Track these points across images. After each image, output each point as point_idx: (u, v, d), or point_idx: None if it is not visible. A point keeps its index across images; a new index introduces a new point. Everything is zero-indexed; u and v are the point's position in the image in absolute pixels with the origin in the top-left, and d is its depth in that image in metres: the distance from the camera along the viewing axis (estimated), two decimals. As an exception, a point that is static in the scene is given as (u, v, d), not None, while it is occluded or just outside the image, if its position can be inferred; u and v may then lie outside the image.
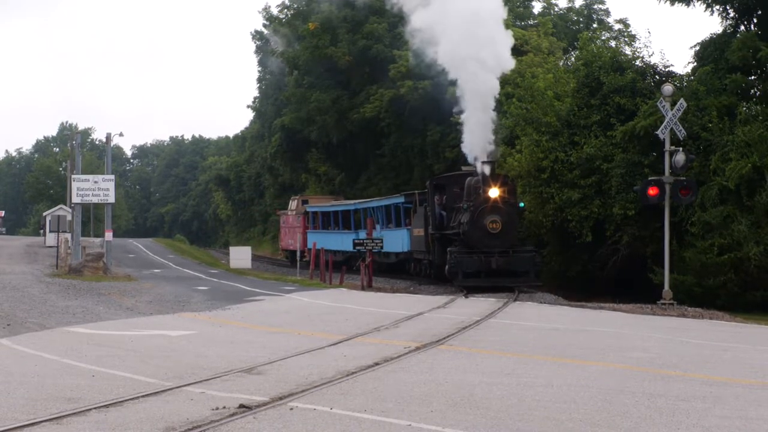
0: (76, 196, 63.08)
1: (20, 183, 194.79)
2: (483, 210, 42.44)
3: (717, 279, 36.70)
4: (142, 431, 12.00)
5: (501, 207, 42.35)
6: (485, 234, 42.24)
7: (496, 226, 41.88)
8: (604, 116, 41.95)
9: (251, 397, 14.48)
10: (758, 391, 16.41)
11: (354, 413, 13.43)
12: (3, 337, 24.24)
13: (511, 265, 42.38)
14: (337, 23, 76.58)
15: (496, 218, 41.91)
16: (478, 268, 42.50)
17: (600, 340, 24.96)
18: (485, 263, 42.18)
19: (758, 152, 37.07)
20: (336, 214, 70.73)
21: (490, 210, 42.22)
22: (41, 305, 34.37)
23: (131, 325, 28.02)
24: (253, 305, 36.47)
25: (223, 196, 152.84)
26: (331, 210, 71.78)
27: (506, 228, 42.28)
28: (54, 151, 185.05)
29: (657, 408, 14.35)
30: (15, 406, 13.78)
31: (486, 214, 42.26)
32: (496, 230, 41.98)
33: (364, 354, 20.25)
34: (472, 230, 42.95)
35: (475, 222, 42.56)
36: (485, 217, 42.17)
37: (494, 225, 41.87)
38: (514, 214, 43.58)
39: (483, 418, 13.16)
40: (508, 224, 42.47)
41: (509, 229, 42.68)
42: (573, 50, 60.66)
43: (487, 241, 42.31)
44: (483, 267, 42.34)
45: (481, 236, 42.47)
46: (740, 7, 44.60)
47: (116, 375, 17.15)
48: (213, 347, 22.14)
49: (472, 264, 42.60)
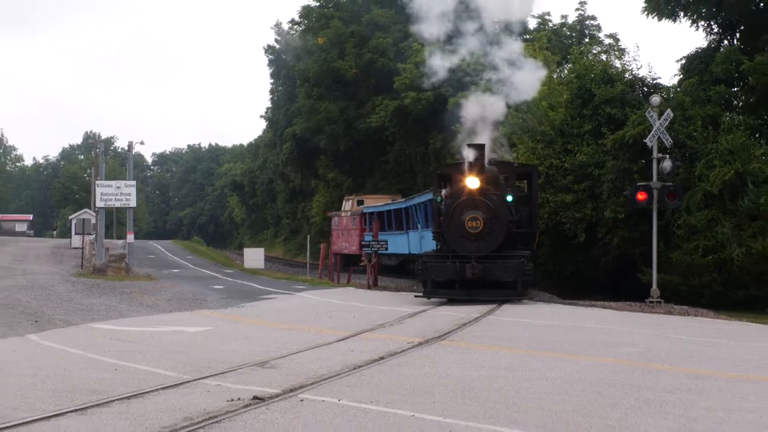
0: (100, 200, 63.22)
1: (47, 188, 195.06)
2: (458, 205, 35.12)
3: (702, 279, 36.76)
4: (162, 421, 12.01)
5: (482, 201, 34.77)
6: (463, 235, 34.73)
7: (476, 224, 34.30)
8: (596, 125, 41.93)
9: (264, 390, 14.48)
10: (741, 384, 16.41)
11: (361, 404, 13.44)
12: (31, 332, 24.28)
13: (492, 273, 34.14)
14: (344, 38, 76.63)
15: (476, 215, 34.32)
16: (450, 276, 34.69)
17: (592, 336, 24.93)
18: (460, 271, 34.17)
19: (740, 159, 37.19)
20: (389, 213, 61.12)
21: (466, 205, 34.90)
22: (67, 303, 34.38)
23: (151, 321, 28.05)
24: (266, 303, 36.46)
25: (237, 200, 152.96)
26: (384, 210, 62.14)
27: (490, 227, 34.52)
28: (79, 159, 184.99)
29: (645, 399, 14.35)
30: (43, 397, 13.79)
31: (462, 209, 34.90)
32: (477, 229, 34.31)
33: (370, 349, 20.25)
34: (447, 230, 35.90)
35: (451, 219, 35.35)
36: (462, 213, 34.76)
37: (473, 223, 34.32)
38: (501, 210, 35.15)
39: (482, 409, 13.17)
40: (493, 223, 34.62)
41: (494, 229, 34.66)
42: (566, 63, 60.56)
43: (465, 243, 34.69)
44: (456, 275, 34.36)
45: (458, 237, 35.02)
46: (723, 22, 44.68)
47: (137, 368, 17.16)
48: (228, 343, 22.15)
49: (444, 272, 34.85)
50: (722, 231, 36.72)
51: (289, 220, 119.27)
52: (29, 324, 26.66)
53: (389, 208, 60.91)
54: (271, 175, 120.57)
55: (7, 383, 15.30)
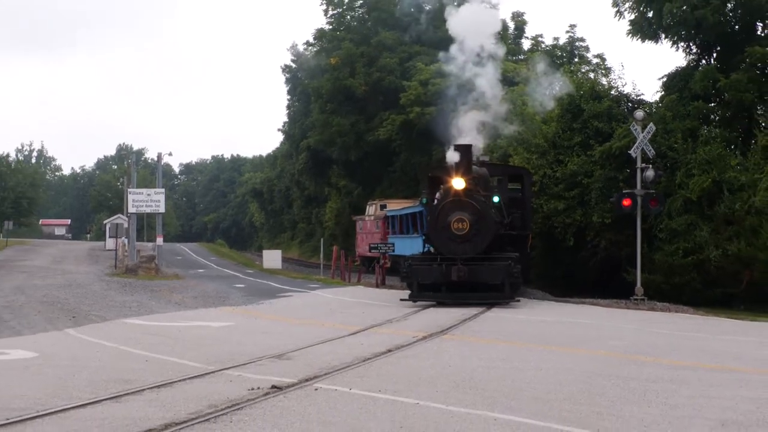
0: (132, 206, 63.37)
1: (84, 196, 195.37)
2: (444, 206, 32.73)
3: (682, 278, 36.72)
4: (189, 408, 12.02)
5: (468, 202, 32.25)
6: (449, 236, 32.27)
7: (462, 226, 31.86)
8: (585, 138, 41.87)
9: (282, 379, 14.49)
10: (718, 374, 16.40)
11: (370, 393, 13.44)
12: (69, 327, 24.31)
13: (478, 276, 31.69)
14: (355, 58, 76.64)
15: (462, 216, 31.90)
16: (436, 279, 32.15)
17: (581, 330, 24.92)
18: (446, 274, 31.70)
19: (717, 169, 37.21)
20: (406, 217, 56.70)
21: (452, 206, 32.45)
22: (102, 300, 34.41)
23: (179, 317, 28.06)
24: (283, 300, 36.45)
25: (257, 206, 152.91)
26: (404, 213, 57.85)
27: (476, 229, 32.04)
28: (113, 168, 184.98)
29: (630, 389, 14.33)
30: (80, 386, 13.80)
31: (448, 211, 32.46)
32: (463, 231, 31.90)
33: (378, 342, 20.25)
34: (433, 231, 33.45)
35: (437, 221, 32.91)
36: (448, 214, 32.29)
37: (460, 225, 31.93)
38: (488, 212, 32.82)
39: (481, 398, 13.16)
40: (480, 224, 32.13)
41: (481, 231, 32.15)
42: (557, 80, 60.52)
43: (451, 245, 32.30)
44: (443, 278, 31.87)
45: (444, 239, 32.60)
46: (701, 43, 44.66)
47: (166, 360, 17.18)
48: (249, 336, 22.15)
49: (430, 274, 32.32)
50: (700, 234, 36.74)
51: (304, 224, 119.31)
52: (67, 319, 26.70)
53: (407, 212, 57.32)
54: (287, 183, 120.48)
55: (47, 373, 15.32)
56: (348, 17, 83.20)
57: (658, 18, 43.70)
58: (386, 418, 11.64)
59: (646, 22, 44.71)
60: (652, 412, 12.33)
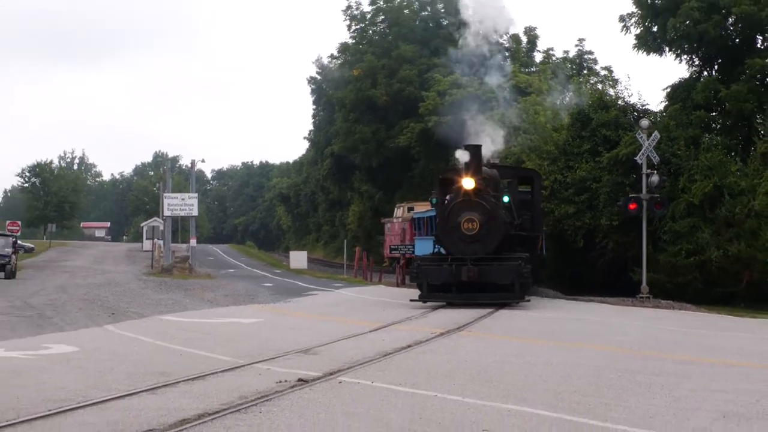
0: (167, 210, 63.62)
1: (122, 200, 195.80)
2: (454, 206, 31.20)
3: (685, 277, 36.61)
4: (221, 399, 12.04)
5: (477, 202, 30.69)
6: (459, 237, 30.71)
7: (473, 226, 30.27)
8: (593, 145, 41.74)
9: (308, 373, 14.50)
10: (720, 369, 16.34)
11: (391, 386, 13.44)
12: (109, 323, 24.38)
13: (488, 276, 30.01)
14: (376, 70, 76.69)
15: (472, 216, 30.32)
16: (446, 279, 30.54)
17: (590, 327, 24.88)
18: (455, 274, 30.06)
19: (718, 174, 37.11)
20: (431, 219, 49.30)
21: (462, 206, 30.90)
22: (139, 298, 34.51)
23: (211, 314, 28.12)
24: (309, 299, 36.49)
25: (284, 210, 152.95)
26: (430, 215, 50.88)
27: (486, 229, 30.44)
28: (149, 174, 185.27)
29: (636, 382, 14.30)
30: (119, 379, 13.85)
31: (458, 210, 30.92)
32: (473, 231, 30.30)
33: (399, 338, 20.25)
34: (443, 232, 31.92)
35: (447, 221, 31.41)
36: (458, 214, 30.73)
37: (470, 225, 30.35)
38: (498, 212, 31.14)
39: (495, 390, 13.15)
40: (490, 224, 30.54)
41: (491, 231, 30.56)
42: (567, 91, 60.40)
43: (461, 245, 30.73)
44: (452, 278, 30.26)
45: (454, 239, 31.04)
46: (703, 56, 44.58)
47: (199, 354, 17.22)
48: (277, 332, 22.18)
49: (440, 275, 30.69)
50: (702, 236, 36.61)
51: (329, 226, 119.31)
52: (107, 316, 26.77)
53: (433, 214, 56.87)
54: (313, 188, 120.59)
55: (87, 367, 15.37)
56: (370, 32, 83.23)
57: (662, 32, 43.77)
58: (406, 409, 11.64)
59: (651, 36, 44.74)
60: (657, 404, 12.30)
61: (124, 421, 10.43)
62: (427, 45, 75.44)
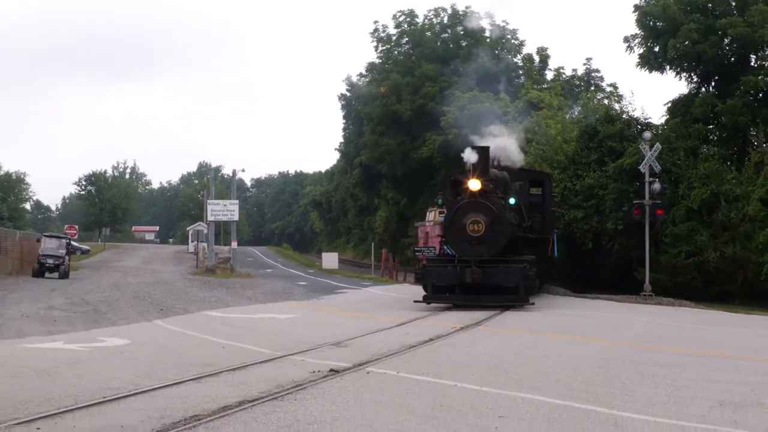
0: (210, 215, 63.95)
1: (170, 206, 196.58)
2: (460, 207, 28.88)
3: (684, 277, 36.52)
4: (260, 388, 12.06)
5: (483, 203, 28.53)
6: (464, 238, 28.52)
7: (478, 227, 28.16)
8: (600, 156, 41.60)
9: (339, 364, 14.50)
10: (717, 361, 16.27)
11: (415, 376, 13.43)
12: (157, 318, 24.50)
13: (492, 278, 27.79)
14: (401, 87, 76.73)
15: (477, 218, 28.22)
16: (450, 281, 28.41)
17: (597, 322, 24.80)
18: (460, 276, 27.94)
19: (715, 182, 37.11)
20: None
21: (468, 207, 28.67)
22: (185, 295, 34.65)
23: (251, 310, 28.21)
24: (339, 296, 36.53)
25: (317, 215, 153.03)
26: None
27: (493, 231, 28.28)
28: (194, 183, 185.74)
29: (640, 372, 14.25)
30: (166, 369, 13.90)
31: (464, 212, 28.71)
32: (478, 233, 28.17)
33: (422, 332, 20.24)
34: (448, 233, 29.82)
35: (452, 222, 29.10)
36: (464, 215, 28.59)
37: (475, 226, 28.21)
38: (504, 213, 28.80)
39: (511, 380, 13.13)
40: (495, 226, 28.36)
41: (497, 233, 28.35)
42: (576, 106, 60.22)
43: (467, 246, 28.49)
44: (457, 280, 28.10)
45: (460, 241, 28.76)
46: (701, 73, 44.47)
47: (240, 347, 17.25)
48: (310, 327, 22.21)
49: (444, 276, 28.57)
50: (701, 239, 36.55)
51: (358, 230, 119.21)
52: (156, 311, 26.91)
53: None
54: (343, 195, 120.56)
55: (138, 358, 15.44)
56: (395, 52, 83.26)
57: (663, 52, 43.73)
58: (429, 397, 11.63)
59: (653, 55, 44.68)
60: (659, 393, 12.26)
61: (171, 407, 10.47)
62: (448, 64, 75.31)
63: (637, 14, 44.98)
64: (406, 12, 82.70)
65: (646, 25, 44.58)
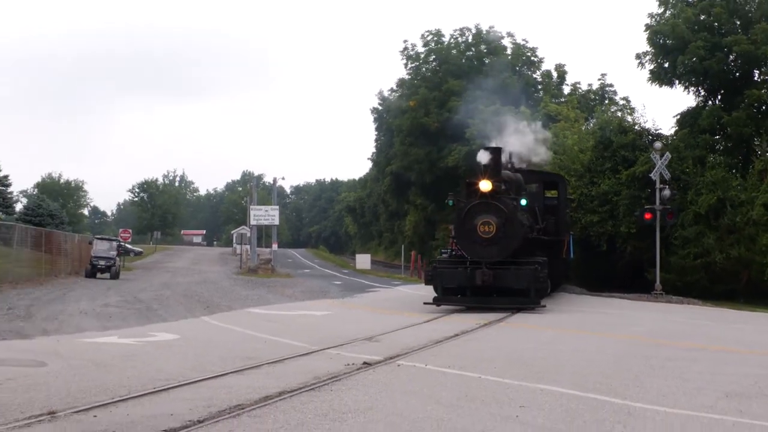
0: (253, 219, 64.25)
1: (215, 211, 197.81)
2: (471, 208, 26.18)
3: (692, 277, 36.44)
4: (298, 379, 12.07)
5: (494, 205, 25.92)
6: (475, 239, 25.90)
7: (489, 228, 25.61)
8: (614, 164, 41.47)
9: (371, 357, 14.50)
10: (723, 355, 16.18)
11: (441, 368, 13.40)
12: (204, 315, 24.61)
13: (503, 280, 25.45)
14: (429, 101, 76.78)
15: (488, 219, 25.66)
16: (460, 283, 26.07)
17: (611, 319, 24.70)
18: (470, 277, 25.59)
19: (721, 189, 37.09)
20: None
21: (479, 208, 26.03)
22: (230, 293, 34.78)
23: (290, 307, 28.25)
24: (371, 294, 36.55)
25: (351, 219, 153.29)
26: None
27: (504, 232, 25.70)
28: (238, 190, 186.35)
29: (651, 365, 14.17)
30: (212, 362, 13.94)
31: (475, 213, 26.05)
32: (489, 234, 25.61)
33: (448, 328, 20.20)
34: (459, 235, 26.93)
35: (463, 224, 26.39)
36: (474, 217, 25.96)
37: (486, 228, 25.67)
38: (515, 215, 26.18)
39: (530, 373, 13.08)
40: (507, 227, 25.78)
41: (508, 234, 25.75)
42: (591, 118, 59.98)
43: (478, 248, 25.84)
44: (467, 282, 25.77)
45: (471, 242, 26.10)
46: (708, 88, 44.30)
47: (280, 341, 17.29)
48: (345, 323, 22.24)
49: (454, 278, 26.18)
50: (708, 241, 36.48)
51: (389, 233, 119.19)
52: (203, 308, 27.02)
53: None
54: (375, 201, 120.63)
55: (186, 352, 15.50)
56: (423, 69, 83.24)
57: (672, 68, 43.64)
58: (454, 388, 11.61)
59: (663, 71, 44.56)
60: (669, 384, 12.18)
61: (217, 397, 10.50)
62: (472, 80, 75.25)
63: (648, 33, 44.96)
64: (434, 32, 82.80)
65: (657, 43, 44.52)
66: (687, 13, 43.21)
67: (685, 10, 43.59)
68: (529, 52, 79.55)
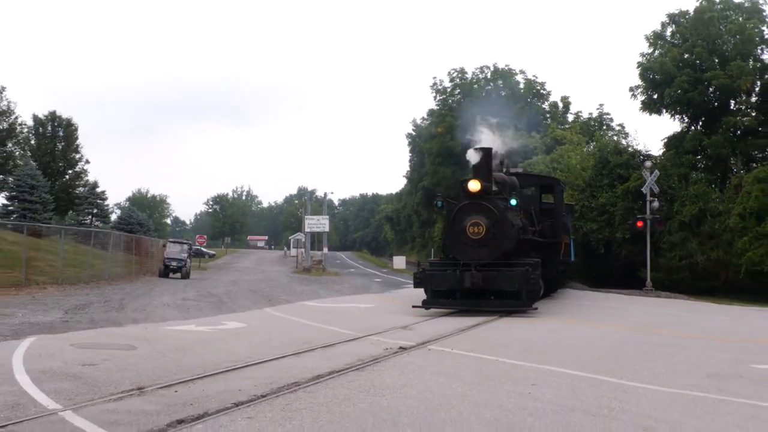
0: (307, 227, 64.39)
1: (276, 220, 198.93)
2: (460, 209, 22.23)
3: (678, 275, 36.45)
4: (345, 360, 12.08)
5: (484, 205, 21.94)
6: (465, 241, 21.85)
7: (479, 230, 21.59)
8: (611, 180, 41.36)
9: (406, 342, 14.49)
10: (707, 342, 16.00)
11: (464, 352, 13.36)
12: (267, 307, 24.69)
13: (494, 282, 21.21)
14: (454, 128, 76.85)
15: (477, 220, 21.65)
16: (450, 285, 21.76)
17: (609, 311, 24.50)
18: (459, 280, 21.36)
19: (702, 201, 37.29)
20: None
21: (468, 209, 22.05)
22: (288, 289, 34.89)
23: (338, 300, 28.29)
24: (406, 290, 36.50)
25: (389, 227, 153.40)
26: None
27: (494, 233, 21.64)
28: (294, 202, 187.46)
29: (643, 351, 14.04)
30: (273, 347, 13.98)
31: (464, 214, 22.09)
32: (479, 235, 21.59)
33: (470, 319, 20.12)
34: (448, 236, 22.89)
35: (452, 225, 22.39)
36: (464, 218, 21.97)
37: (475, 229, 21.64)
38: (506, 215, 22.09)
39: (540, 357, 13.00)
40: (497, 228, 21.70)
41: (498, 236, 21.66)
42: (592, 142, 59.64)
43: (467, 250, 21.76)
44: (456, 284, 21.53)
45: (460, 244, 22.03)
46: (691, 115, 44.37)
47: (330, 329, 17.30)
48: (384, 314, 22.19)
49: (443, 280, 21.84)
50: (691, 245, 36.54)
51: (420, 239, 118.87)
52: (266, 302, 27.13)
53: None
54: (409, 212, 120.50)
55: (252, 338, 15.56)
56: (450, 101, 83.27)
57: (660, 99, 43.93)
58: (475, 369, 11.57)
59: (652, 101, 44.74)
60: (659, 366, 12.07)
61: (277, 376, 10.54)
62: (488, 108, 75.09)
63: (639, 69, 45.14)
64: (458, 69, 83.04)
65: (647, 77, 44.64)
66: (673, 53, 43.38)
67: (671, 50, 43.81)
68: (539, 86, 79.34)
